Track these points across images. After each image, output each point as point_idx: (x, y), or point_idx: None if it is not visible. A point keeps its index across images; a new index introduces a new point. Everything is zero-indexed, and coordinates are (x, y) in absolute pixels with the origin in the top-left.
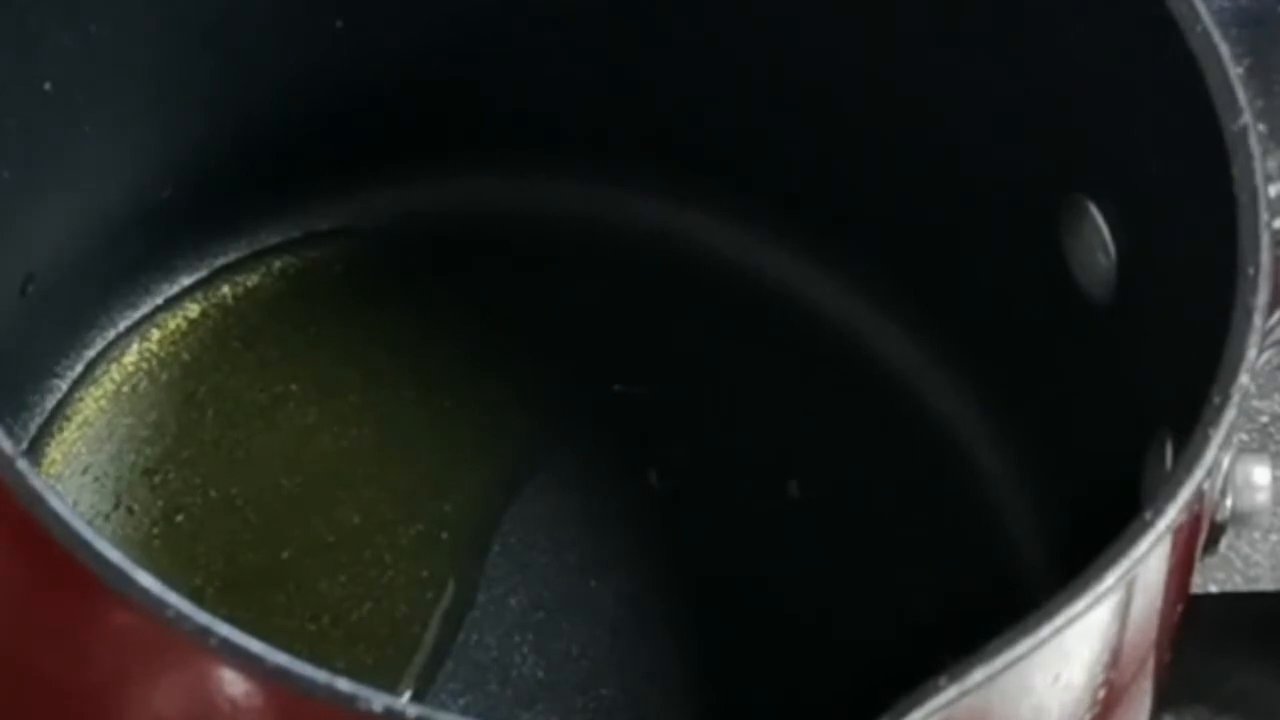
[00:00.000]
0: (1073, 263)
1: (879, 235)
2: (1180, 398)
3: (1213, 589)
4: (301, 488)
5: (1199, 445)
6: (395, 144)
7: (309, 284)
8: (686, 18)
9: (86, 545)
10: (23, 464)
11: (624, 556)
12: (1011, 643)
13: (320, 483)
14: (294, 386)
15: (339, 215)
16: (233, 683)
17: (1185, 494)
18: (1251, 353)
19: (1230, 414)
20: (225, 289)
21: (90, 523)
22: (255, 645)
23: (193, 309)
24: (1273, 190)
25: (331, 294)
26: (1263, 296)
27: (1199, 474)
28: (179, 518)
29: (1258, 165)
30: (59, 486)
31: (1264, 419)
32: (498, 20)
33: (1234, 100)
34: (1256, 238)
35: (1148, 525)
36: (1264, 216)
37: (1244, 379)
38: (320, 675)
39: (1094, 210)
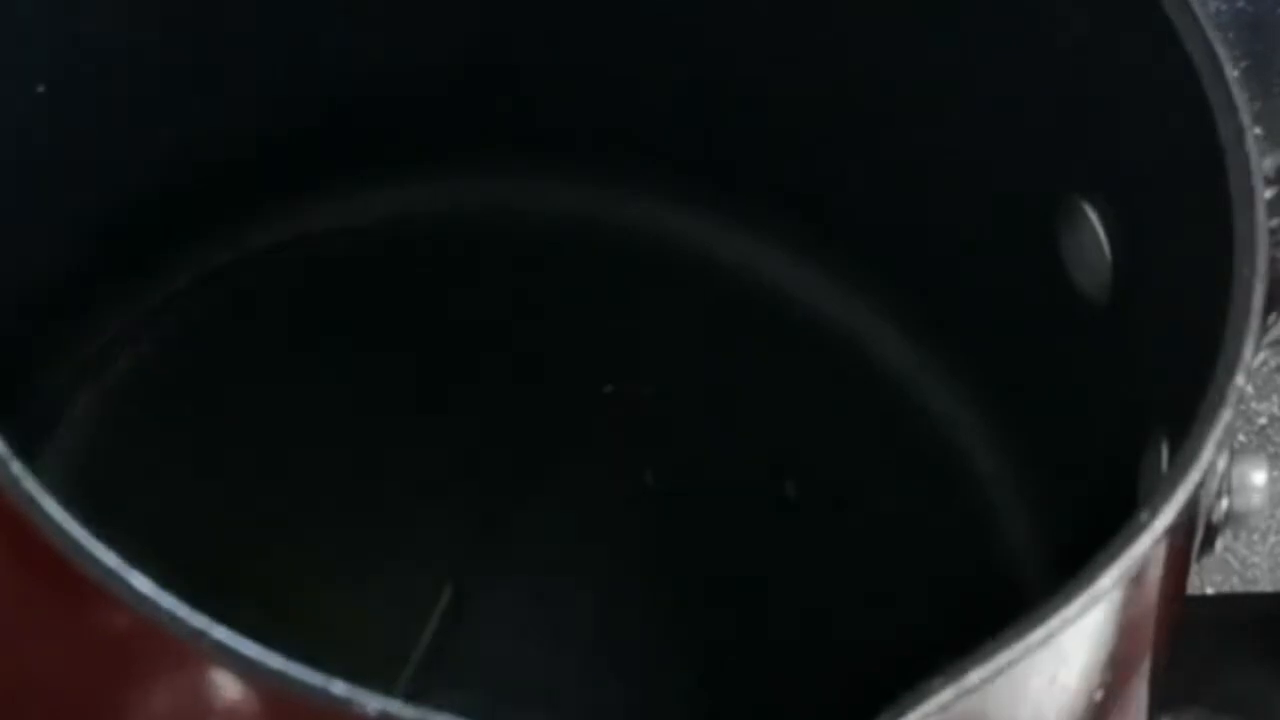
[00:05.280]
0: (1069, 264)
1: (876, 236)
2: (1177, 399)
3: (1210, 590)
4: (297, 489)
5: (1195, 446)
6: (394, 144)
7: (306, 286)
8: (686, 18)
9: (81, 548)
10: (16, 467)
11: (621, 557)
12: (1008, 644)
13: (316, 485)
14: (290, 388)
15: (337, 216)
16: (228, 685)
17: (1181, 495)
18: (1248, 354)
19: (1226, 415)
20: (221, 291)
21: (84, 526)
22: (250, 648)
23: (188, 311)
24: (1269, 192)
25: (329, 296)
26: (1259, 298)
27: (1195, 475)
28: (173, 520)
29: (1254, 166)
30: (52, 490)
31: (1261, 420)
32: (496, 21)
33: (1230, 101)
34: (1253, 239)
35: (1144, 526)
36: (1260, 218)
37: (1240, 380)
38: (316, 677)
39: (1090, 212)
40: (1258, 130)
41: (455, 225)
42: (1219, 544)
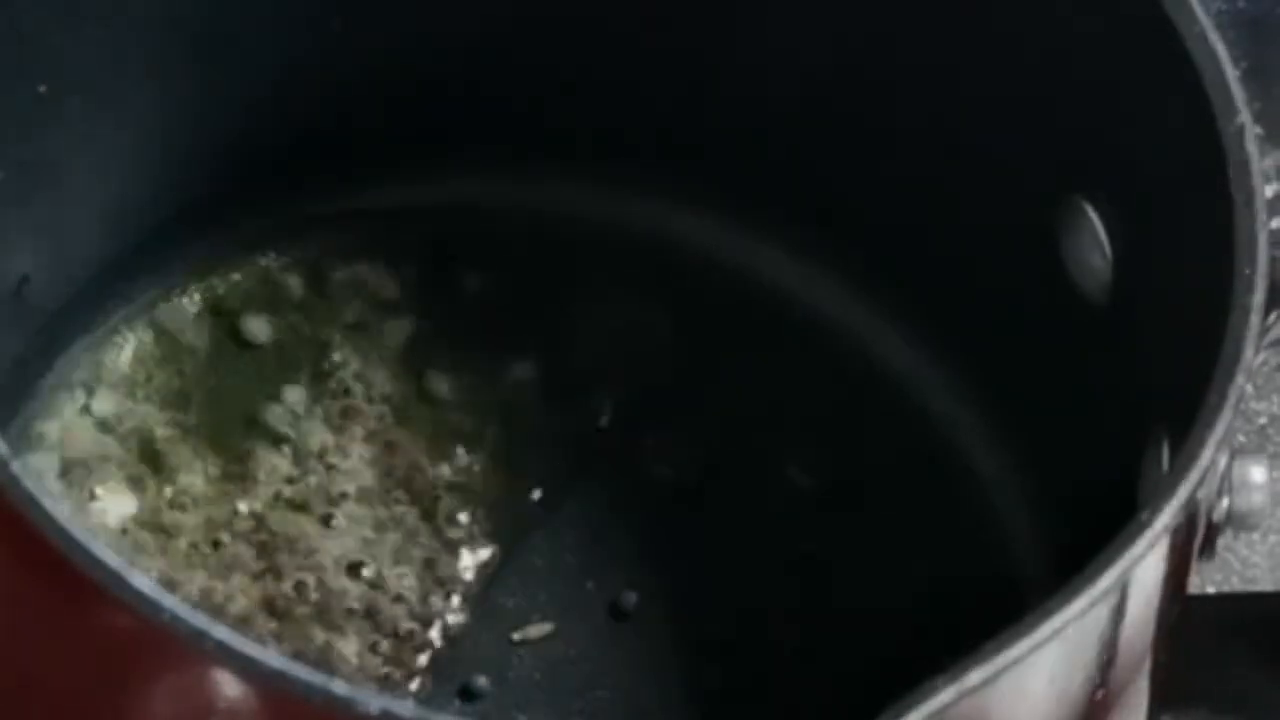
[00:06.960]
0: (1070, 264)
1: (877, 235)
2: (1177, 398)
3: (1210, 590)
4: (298, 490)
5: (1195, 446)
6: (394, 143)
7: (305, 284)
8: (687, 18)
9: (81, 548)
10: (17, 466)
11: (621, 558)
12: (1008, 644)
13: (317, 485)
14: (291, 388)
15: (337, 215)
16: (229, 685)
17: (1182, 495)
18: (1248, 353)
19: (1227, 415)
20: (221, 289)
21: (85, 526)
22: (252, 648)
23: (188, 309)
24: (1270, 191)
25: (329, 294)
26: (1259, 297)
27: (1195, 475)
28: (174, 519)
29: (1255, 166)
30: (53, 489)
31: (1262, 420)
32: (497, 20)
33: (1230, 101)
34: (1253, 238)
35: (1144, 526)
36: (1261, 217)
37: (1240, 380)
38: (317, 677)
39: (1091, 211)
40: (1258, 130)
41: (455, 225)
42: (1219, 543)
